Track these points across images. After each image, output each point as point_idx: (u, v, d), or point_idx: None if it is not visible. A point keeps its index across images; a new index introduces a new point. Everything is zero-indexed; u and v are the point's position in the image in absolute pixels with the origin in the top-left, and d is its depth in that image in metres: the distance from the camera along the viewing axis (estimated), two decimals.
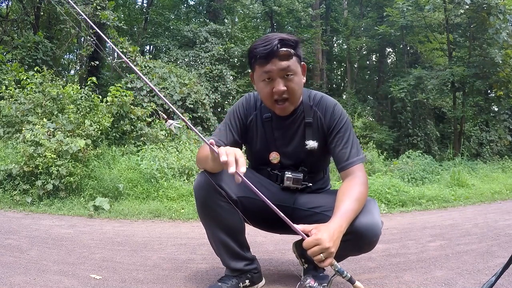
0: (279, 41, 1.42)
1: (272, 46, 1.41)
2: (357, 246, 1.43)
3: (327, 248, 1.20)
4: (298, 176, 1.61)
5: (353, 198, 1.38)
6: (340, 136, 1.56)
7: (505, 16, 8.82)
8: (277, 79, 1.46)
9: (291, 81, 1.47)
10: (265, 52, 1.42)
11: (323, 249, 1.20)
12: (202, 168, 1.52)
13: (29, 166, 4.11)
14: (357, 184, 1.44)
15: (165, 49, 12.96)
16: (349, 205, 1.35)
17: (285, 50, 1.43)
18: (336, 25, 16.92)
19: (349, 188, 1.43)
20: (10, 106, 5.27)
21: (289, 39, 1.45)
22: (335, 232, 1.25)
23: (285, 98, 1.49)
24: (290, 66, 1.45)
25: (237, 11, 15.88)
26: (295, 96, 1.51)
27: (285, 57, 1.43)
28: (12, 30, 9.87)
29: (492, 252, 2.36)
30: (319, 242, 1.20)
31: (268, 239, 2.67)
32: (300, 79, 1.51)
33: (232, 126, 1.61)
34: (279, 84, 1.46)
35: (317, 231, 1.24)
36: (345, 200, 1.37)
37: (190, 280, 1.82)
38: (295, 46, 1.47)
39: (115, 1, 9.41)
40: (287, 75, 1.45)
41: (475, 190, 5.81)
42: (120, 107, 5.56)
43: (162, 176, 4.53)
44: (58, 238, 2.66)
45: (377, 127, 11.60)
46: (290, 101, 1.51)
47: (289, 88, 1.47)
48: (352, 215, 1.34)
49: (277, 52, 1.42)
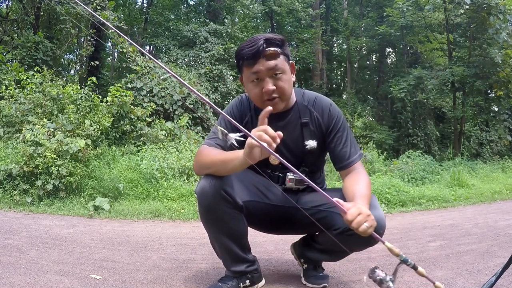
0: (265, 41, 1.43)
1: (258, 46, 1.41)
2: (365, 240, 1.43)
3: (369, 215, 1.21)
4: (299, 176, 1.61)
5: (364, 185, 1.44)
6: (339, 136, 1.57)
7: (505, 16, 8.81)
8: (266, 78, 1.45)
9: (280, 79, 1.46)
10: (251, 53, 1.42)
11: (366, 216, 1.20)
12: (205, 173, 1.48)
13: (29, 166, 4.11)
14: (363, 177, 1.51)
15: (165, 49, 12.96)
16: (363, 190, 1.40)
17: (272, 49, 1.43)
18: (336, 25, 16.92)
19: (357, 180, 1.48)
20: (10, 106, 5.27)
21: (275, 38, 1.46)
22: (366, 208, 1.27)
23: (275, 97, 1.48)
24: (278, 65, 1.45)
25: (237, 11, 15.87)
26: (285, 95, 1.50)
27: (272, 57, 1.44)
28: (12, 30, 9.87)
29: (492, 252, 2.36)
30: (360, 210, 1.21)
31: (268, 239, 2.67)
32: (289, 77, 1.51)
33: (227, 129, 1.60)
34: (268, 83, 1.45)
35: (353, 204, 1.24)
36: (358, 187, 1.42)
37: (190, 280, 1.82)
38: (281, 45, 1.47)
39: (115, 1, 9.41)
40: (276, 74, 1.45)
41: (475, 190, 5.81)
42: (120, 107, 5.57)
43: (162, 176, 4.53)
44: (58, 238, 2.67)
45: (377, 127, 11.59)
46: (280, 99, 1.50)
47: (278, 87, 1.46)
48: (368, 200, 1.37)
49: (263, 52, 1.42)
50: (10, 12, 11.08)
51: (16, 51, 8.06)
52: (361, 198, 1.34)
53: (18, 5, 10.51)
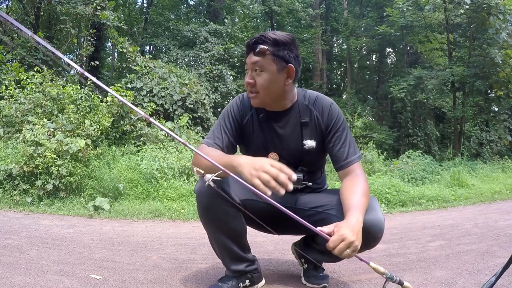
0: (260, 36, 1.49)
1: (252, 40, 1.50)
2: (363, 242, 1.43)
3: (352, 242, 1.22)
4: (298, 176, 1.61)
5: (361, 193, 1.42)
6: (338, 136, 1.57)
7: (505, 16, 8.81)
8: (249, 71, 1.52)
9: (259, 76, 1.50)
10: (246, 45, 1.53)
11: (348, 244, 1.22)
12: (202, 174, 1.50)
13: (29, 166, 4.11)
14: (360, 181, 1.48)
15: (165, 49, 12.97)
16: (359, 199, 1.39)
17: (261, 47, 1.47)
18: (336, 25, 16.93)
19: (354, 185, 1.46)
20: (10, 106, 5.27)
21: (270, 37, 1.47)
22: (356, 226, 1.27)
23: (253, 91, 1.53)
24: (259, 62, 1.48)
25: (237, 11, 15.90)
26: (262, 91, 1.51)
27: (258, 54, 1.48)
28: (12, 30, 9.86)
29: (492, 252, 2.36)
30: (343, 238, 1.22)
31: (268, 239, 2.67)
32: (272, 77, 1.49)
33: (227, 128, 1.59)
34: (247, 76, 1.53)
35: (339, 228, 1.25)
36: (354, 195, 1.40)
37: (190, 280, 1.82)
38: (274, 44, 1.48)
39: (115, 1, 9.40)
40: (256, 70, 1.50)
41: (475, 190, 5.81)
42: (120, 107, 5.57)
43: (162, 176, 4.53)
44: (58, 238, 2.66)
45: (377, 127, 11.60)
46: (258, 95, 1.53)
47: (256, 82, 1.50)
48: (363, 209, 1.37)
49: (252, 46, 1.49)
50: (10, 12, 11.09)
51: (16, 51, 8.06)
52: (355, 208, 1.34)
53: (18, 5, 10.52)
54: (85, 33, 8.89)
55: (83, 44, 9.25)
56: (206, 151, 1.49)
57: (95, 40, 9.23)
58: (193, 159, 1.54)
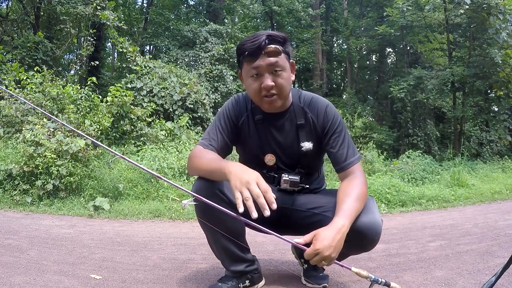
0: (267, 37, 1.42)
1: (260, 42, 1.41)
2: (359, 245, 1.43)
3: (326, 257, 1.24)
4: (295, 178, 1.60)
5: (355, 197, 1.39)
6: (336, 138, 1.55)
7: (505, 16, 8.80)
8: (265, 74, 1.44)
9: (280, 76, 1.45)
10: (253, 48, 1.42)
11: (322, 258, 1.24)
12: (196, 175, 1.50)
13: (29, 166, 4.11)
14: (357, 184, 1.45)
15: (165, 49, 12.98)
16: (351, 204, 1.37)
17: (273, 47, 1.42)
18: (336, 25, 16.93)
19: (350, 188, 1.44)
20: (10, 106, 5.27)
21: (277, 36, 1.45)
22: (336, 235, 1.27)
23: (273, 94, 1.47)
24: (279, 62, 1.44)
25: (237, 11, 15.89)
26: (283, 92, 1.49)
27: (274, 54, 1.43)
28: (12, 30, 9.87)
29: (492, 252, 2.36)
30: (318, 252, 1.23)
31: (268, 239, 2.66)
32: (289, 76, 1.49)
33: (223, 128, 1.58)
34: (267, 79, 1.44)
35: (316, 240, 1.25)
36: (347, 199, 1.38)
37: (190, 280, 1.82)
38: (284, 42, 1.46)
39: (115, 1, 9.40)
40: (275, 70, 1.44)
41: (475, 190, 5.81)
42: (120, 107, 5.57)
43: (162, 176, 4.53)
44: (58, 238, 2.67)
45: (377, 127, 11.59)
46: (278, 97, 1.49)
47: (277, 84, 1.45)
48: (354, 214, 1.35)
49: (265, 48, 1.42)
50: (10, 12, 11.10)
51: (16, 51, 8.06)
52: (343, 216, 1.33)
53: (18, 5, 10.52)
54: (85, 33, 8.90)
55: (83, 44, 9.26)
56: (199, 155, 1.49)
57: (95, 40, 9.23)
58: (188, 162, 1.54)
